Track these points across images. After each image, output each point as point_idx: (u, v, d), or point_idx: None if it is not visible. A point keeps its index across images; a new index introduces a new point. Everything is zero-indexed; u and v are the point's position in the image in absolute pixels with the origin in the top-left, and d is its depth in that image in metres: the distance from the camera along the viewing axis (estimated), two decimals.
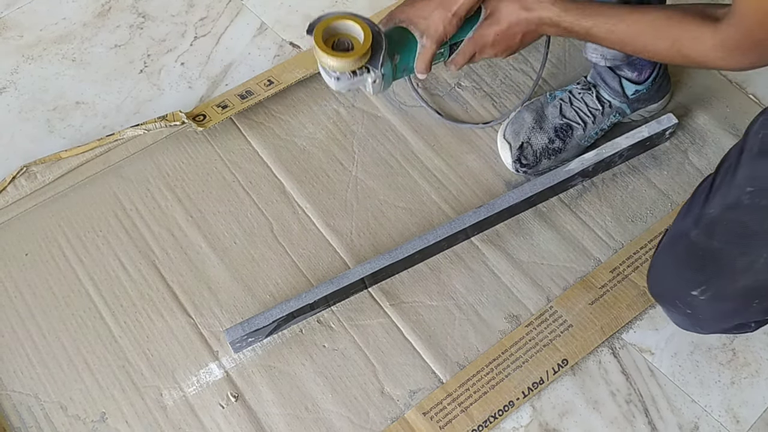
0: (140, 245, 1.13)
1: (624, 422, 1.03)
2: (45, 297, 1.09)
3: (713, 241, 0.91)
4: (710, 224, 0.91)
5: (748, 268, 0.89)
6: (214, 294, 1.10)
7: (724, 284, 0.92)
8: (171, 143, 1.23)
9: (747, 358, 1.08)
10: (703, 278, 0.93)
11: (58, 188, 1.17)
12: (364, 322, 1.08)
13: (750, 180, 0.88)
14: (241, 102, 1.25)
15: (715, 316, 0.97)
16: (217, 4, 1.43)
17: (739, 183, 0.89)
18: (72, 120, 1.27)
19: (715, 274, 0.92)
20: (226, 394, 1.02)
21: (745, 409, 1.04)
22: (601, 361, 1.07)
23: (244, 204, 1.17)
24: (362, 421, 1.01)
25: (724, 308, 0.95)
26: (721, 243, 0.91)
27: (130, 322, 1.07)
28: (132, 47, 1.36)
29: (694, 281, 0.94)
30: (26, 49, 1.36)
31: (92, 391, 1.02)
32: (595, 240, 1.16)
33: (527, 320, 1.09)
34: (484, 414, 1.01)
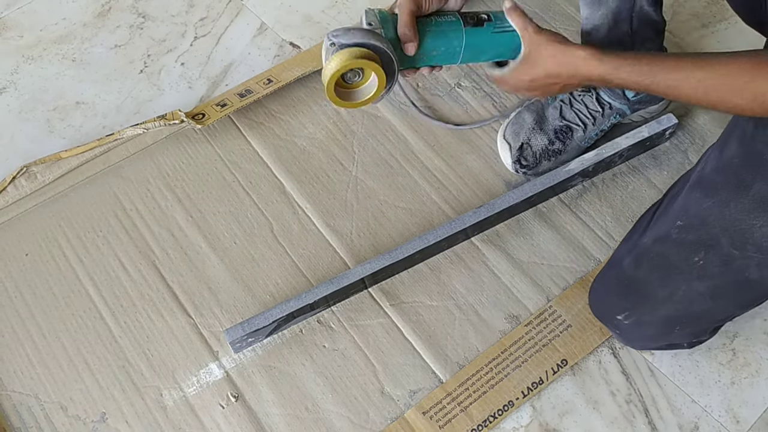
0: (140, 245, 1.13)
1: (624, 422, 1.03)
2: (45, 297, 1.09)
3: (639, 271, 0.95)
4: (640, 254, 0.95)
5: (667, 299, 0.93)
6: (214, 294, 1.10)
7: (645, 312, 0.97)
8: (171, 143, 1.23)
9: (747, 358, 1.08)
10: (628, 305, 0.98)
11: (58, 188, 1.17)
12: (364, 322, 1.08)
13: (682, 213, 0.90)
14: (240, 100, 1.25)
15: (640, 338, 1.03)
16: (217, 5, 1.43)
17: (672, 215, 0.92)
18: (72, 120, 1.27)
19: (638, 302, 0.97)
20: (226, 394, 1.02)
21: (745, 409, 1.04)
22: (601, 361, 1.07)
23: (244, 204, 1.17)
24: (362, 420, 1.01)
25: (647, 332, 1.01)
26: (646, 273, 0.95)
27: (130, 322, 1.07)
28: (132, 47, 1.36)
29: (619, 306, 0.99)
30: (26, 49, 1.36)
31: (92, 391, 1.02)
32: (595, 240, 1.16)
33: (527, 320, 1.09)
34: (484, 414, 1.01)
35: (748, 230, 0.83)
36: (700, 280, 0.89)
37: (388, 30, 0.85)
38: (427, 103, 1.28)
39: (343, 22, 1.40)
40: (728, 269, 0.86)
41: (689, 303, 0.92)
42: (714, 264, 0.87)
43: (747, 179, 0.82)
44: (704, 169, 0.89)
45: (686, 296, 0.91)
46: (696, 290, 0.90)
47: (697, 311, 0.94)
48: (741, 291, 0.90)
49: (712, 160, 0.88)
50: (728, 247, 0.85)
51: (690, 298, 0.91)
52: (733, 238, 0.84)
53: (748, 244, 0.83)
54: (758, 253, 0.83)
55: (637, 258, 0.95)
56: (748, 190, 0.82)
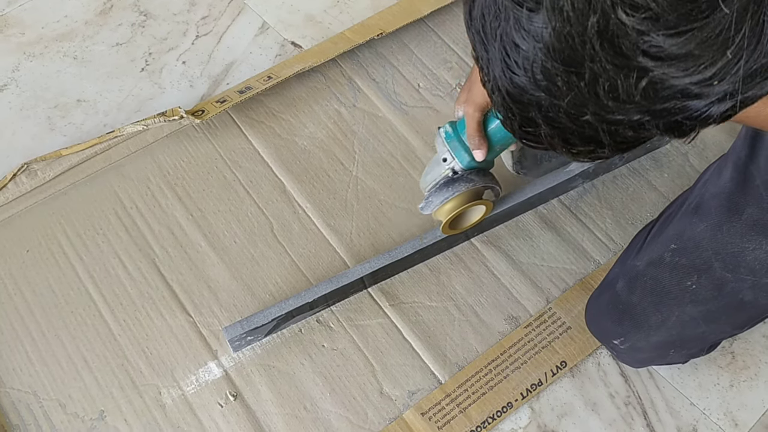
0: (140, 243, 1.13)
1: (623, 424, 1.03)
2: (44, 294, 1.09)
3: (633, 296, 0.95)
4: (634, 278, 0.95)
5: (660, 325, 0.93)
6: (214, 293, 1.10)
7: (640, 338, 0.97)
8: (172, 142, 1.23)
9: (746, 361, 1.08)
10: (622, 331, 0.98)
11: (58, 186, 1.17)
12: (364, 322, 1.08)
13: (676, 237, 0.90)
14: (239, 96, 1.25)
15: (636, 360, 1.05)
16: (218, 3, 1.43)
17: (666, 238, 0.92)
18: (73, 118, 1.27)
19: (631, 329, 0.97)
20: (224, 393, 1.02)
21: (743, 413, 1.04)
22: (600, 363, 1.07)
23: (244, 203, 1.17)
24: (361, 421, 1.01)
25: (642, 356, 1.02)
26: (639, 298, 0.95)
27: (130, 320, 1.07)
28: (133, 45, 1.36)
29: (614, 332, 1.00)
30: (28, 46, 1.36)
31: (91, 389, 1.02)
32: (595, 242, 1.16)
33: (526, 321, 1.09)
34: (483, 415, 1.01)
35: (740, 253, 0.82)
36: (693, 305, 0.89)
37: (461, 155, 0.93)
38: (428, 103, 1.28)
39: (345, 23, 1.40)
40: (721, 293, 0.86)
41: (682, 328, 0.92)
42: (707, 288, 0.87)
43: (740, 203, 0.82)
44: (704, 194, 0.88)
45: (679, 321, 0.91)
46: (689, 315, 0.90)
47: (690, 335, 0.94)
48: (735, 313, 0.89)
49: (711, 185, 0.88)
50: (721, 270, 0.85)
51: (683, 323, 0.91)
52: (725, 261, 0.84)
53: (741, 267, 0.83)
54: (751, 276, 0.83)
55: (631, 281, 0.95)
56: (740, 214, 0.82)
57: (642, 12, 0.42)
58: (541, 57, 0.46)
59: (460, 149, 0.92)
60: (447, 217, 0.97)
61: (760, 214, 0.80)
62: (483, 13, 0.49)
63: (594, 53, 0.45)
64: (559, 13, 0.44)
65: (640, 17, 0.43)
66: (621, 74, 0.45)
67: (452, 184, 0.94)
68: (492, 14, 0.48)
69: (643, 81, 0.45)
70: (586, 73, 0.46)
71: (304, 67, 1.28)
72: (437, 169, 0.96)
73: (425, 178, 0.98)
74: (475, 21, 0.50)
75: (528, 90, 0.49)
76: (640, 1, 0.42)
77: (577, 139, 0.51)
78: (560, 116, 0.49)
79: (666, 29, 0.43)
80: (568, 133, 0.50)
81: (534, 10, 0.45)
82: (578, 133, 0.50)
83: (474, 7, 0.50)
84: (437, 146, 0.96)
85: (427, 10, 1.37)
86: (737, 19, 0.42)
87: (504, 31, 0.48)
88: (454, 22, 1.38)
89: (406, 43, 1.36)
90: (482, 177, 0.95)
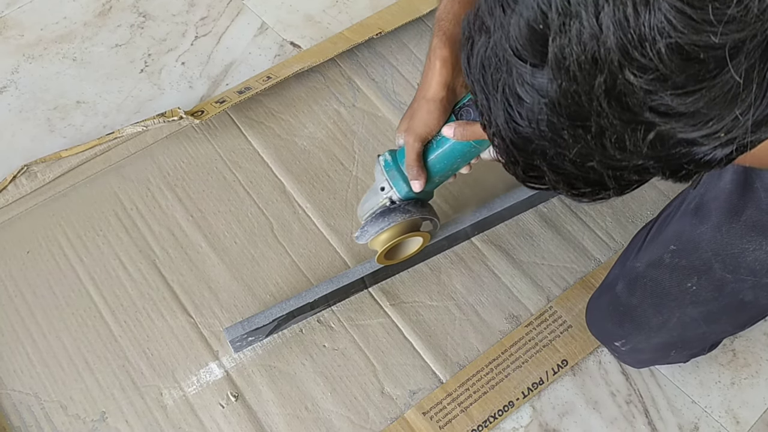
0: (140, 245, 1.13)
1: (624, 423, 1.03)
2: (45, 296, 1.09)
3: (633, 298, 0.95)
4: (633, 279, 0.95)
5: (661, 327, 0.93)
6: (215, 293, 1.10)
7: (641, 340, 0.97)
8: (171, 142, 1.23)
9: (747, 358, 1.08)
10: (623, 333, 0.98)
11: (58, 187, 1.17)
12: (365, 321, 1.08)
13: (675, 238, 0.90)
14: (239, 96, 1.25)
15: (637, 361, 1.05)
16: (217, 4, 1.43)
17: (665, 239, 0.91)
18: (73, 119, 1.27)
19: (632, 330, 0.97)
20: (226, 393, 1.02)
21: (745, 410, 1.04)
22: (602, 362, 1.07)
23: (244, 203, 1.17)
24: (362, 420, 1.01)
25: (643, 357, 1.03)
26: (639, 300, 0.95)
27: (130, 321, 1.07)
28: (133, 47, 1.36)
29: (615, 334, 1.00)
30: (27, 48, 1.36)
31: (92, 390, 1.02)
32: (596, 240, 1.16)
33: (527, 320, 1.09)
34: (484, 414, 1.01)
35: (740, 254, 0.82)
36: (693, 306, 0.89)
37: (399, 185, 0.91)
38: None
39: (344, 22, 1.40)
40: (721, 294, 0.86)
41: (683, 329, 0.92)
42: (707, 289, 0.87)
43: (739, 205, 0.82)
44: (703, 195, 0.88)
45: (680, 322, 0.91)
46: (689, 316, 0.90)
47: (691, 336, 0.94)
48: (736, 313, 0.89)
49: (710, 186, 0.88)
50: (721, 271, 0.84)
51: (684, 324, 0.91)
52: (725, 262, 0.84)
53: (741, 267, 0.83)
54: (752, 276, 0.83)
55: (631, 283, 0.95)
56: (740, 216, 0.82)
57: (650, 73, 0.42)
58: (546, 111, 0.46)
59: (398, 179, 0.90)
60: (382, 248, 0.95)
61: (759, 215, 0.80)
62: (483, 64, 0.48)
63: (601, 109, 0.44)
64: (566, 72, 0.44)
65: (648, 78, 0.42)
66: (628, 128, 0.45)
67: (389, 214, 0.92)
68: (493, 66, 0.48)
69: (650, 134, 0.45)
70: (593, 126, 0.45)
71: (303, 67, 1.28)
72: (375, 198, 0.93)
73: (362, 206, 0.95)
74: (474, 70, 0.49)
75: (533, 140, 0.48)
76: (647, 63, 0.42)
77: (582, 183, 0.51)
78: (565, 164, 0.49)
79: (674, 89, 0.42)
80: (572, 179, 0.50)
81: (538, 66, 0.45)
82: (583, 178, 0.50)
83: (472, 57, 0.49)
84: (376, 174, 0.93)
85: (426, 9, 1.37)
86: (745, 78, 0.42)
87: (506, 84, 0.47)
88: None
89: (405, 42, 1.36)
90: (420, 208, 0.93)
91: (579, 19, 0.42)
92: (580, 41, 0.43)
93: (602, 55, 0.42)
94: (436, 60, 0.84)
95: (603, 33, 0.42)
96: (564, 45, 0.43)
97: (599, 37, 0.42)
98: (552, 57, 0.44)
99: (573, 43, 0.43)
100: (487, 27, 0.48)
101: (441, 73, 0.84)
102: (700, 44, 0.41)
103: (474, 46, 0.49)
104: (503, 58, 0.47)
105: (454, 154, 0.88)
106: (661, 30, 0.41)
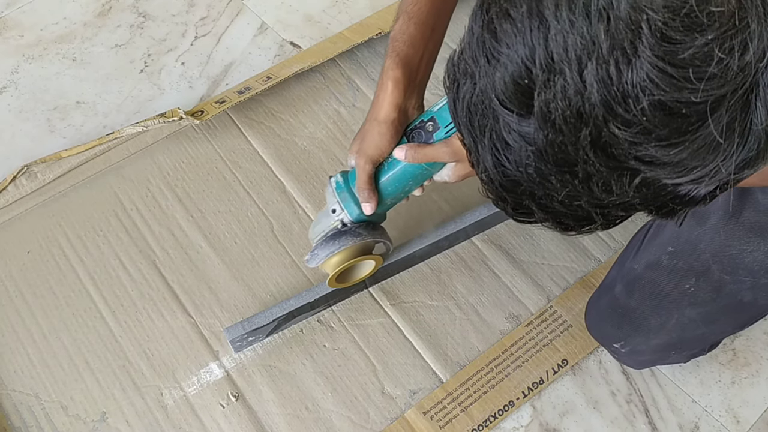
0: (140, 245, 1.13)
1: (624, 422, 1.03)
2: (45, 296, 1.09)
3: (631, 300, 0.95)
4: (632, 281, 0.95)
5: (660, 328, 0.93)
6: (215, 293, 1.10)
7: (640, 341, 0.97)
8: (171, 143, 1.23)
9: (747, 358, 1.08)
10: (622, 335, 0.98)
11: (58, 188, 1.17)
12: (365, 321, 1.08)
13: (673, 239, 0.90)
14: (239, 96, 1.25)
15: (637, 363, 1.05)
16: (217, 4, 1.43)
17: (663, 240, 0.91)
18: (72, 120, 1.27)
19: (631, 332, 0.97)
20: (226, 393, 1.02)
21: (745, 409, 1.04)
22: (602, 361, 1.07)
23: (244, 204, 1.17)
24: (362, 420, 1.01)
25: (643, 358, 1.02)
26: (638, 302, 0.95)
27: (131, 321, 1.07)
28: (132, 47, 1.36)
29: (614, 336, 1.00)
30: (27, 48, 1.36)
31: (93, 390, 1.02)
32: (596, 240, 1.16)
33: (527, 320, 1.09)
34: (485, 414, 1.01)
35: (738, 255, 0.82)
36: (692, 307, 0.89)
37: (350, 208, 0.90)
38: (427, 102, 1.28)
39: (344, 22, 1.40)
40: (720, 295, 0.86)
41: (682, 330, 0.92)
42: (705, 290, 0.87)
43: (737, 206, 0.82)
44: None
45: (679, 324, 0.91)
46: (688, 317, 0.90)
47: (690, 336, 0.94)
48: (734, 314, 0.89)
49: None
50: (719, 272, 0.84)
51: (683, 325, 0.91)
52: (723, 263, 0.84)
53: (739, 268, 0.83)
54: (750, 277, 0.83)
55: (629, 285, 0.95)
56: (737, 217, 0.82)
57: (634, 127, 0.43)
58: (534, 158, 0.47)
59: (349, 201, 0.89)
60: (333, 271, 0.94)
61: (757, 216, 0.80)
62: (469, 109, 0.49)
63: (587, 158, 0.45)
64: (551, 124, 0.45)
65: (632, 131, 0.43)
66: (614, 174, 0.46)
67: (339, 237, 0.91)
68: (480, 112, 0.48)
69: (636, 179, 0.46)
70: (580, 172, 0.46)
71: (303, 67, 1.28)
72: (326, 221, 0.92)
73: (314, 228, 0.94)
74: (461, 114, 0.50)
75: (521, 183, 0.49)
76: (631, 118, 0.43)
77: (570, 219, 0.52)
78: (554, 204, 0.50)
79: (658, 141, 0.43)
80: (561, 216, 0.51)
81: (524, 116, 0.46)
82: (572, 216, 0.51)
83: (459, 100, 0.50)
84: (327, 196, 0.92)
85: None
86: (726, 129, 0.43)
87: (493, 129, 0.48)
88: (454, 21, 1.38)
89: None
90: (371, 231, 0.92)
91: (563, 76, 0.43)
92: (564, 97, 0.43)
93: (587, 110, 0.43)
94: (388, 81, 0.84)
95: (587, 90, 0.43)
96: (549, 99, 0.44)
97: (583, 93, 0.43)
98: (538, 110, 0.45)
99: (558, 98, 0.44)
100: (471, 72, 0.48)
101: (393, 95, 0.83)
102: (682, 101, 0.42)
103: (460, 90, 0.49)
104: (489, 106, 0.47)
105: (405, 176, 0.86)
106: (644, 87, 0.42)
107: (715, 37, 0.41)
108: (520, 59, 0.44)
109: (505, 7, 0.45)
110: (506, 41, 0.45)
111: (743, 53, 0.41)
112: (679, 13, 0.41)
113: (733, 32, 0.41)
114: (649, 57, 0.41)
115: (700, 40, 0.41)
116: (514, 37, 0.44)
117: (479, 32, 0.47)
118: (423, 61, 0.87)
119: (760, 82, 0.42)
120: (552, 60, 0.43)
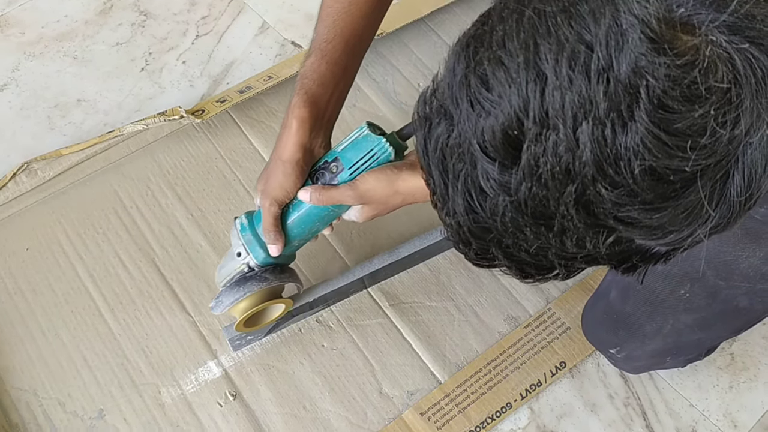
0: (140, 243, 1.13)
1: (622, 425, 1.03)
2: (44, 294, 1.09)
3: (627, 306, 0.95)
4: (627, 287, 0.95)
5: (656, 334, 0.93)
6: (214, 292, 1.09)
7: (635, 347, 0.97)
8: (172, 141, 1.23)
9: (745, 362, 1.08)
10: (617, 340, 0.98)
11: (58, 185, 1.17)
12: (363, 322, 1.08)
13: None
14: (239, 95, 1.25)
15: (633, 368, 1.05)
16: (218, 3, 1.43)
17: None
18: (73, 117, 1.27)
19: (627, 338, 0.97)
20: (224, 392, 1.02)
21: (743, 414, 1.04)
22: (600, 364, 1.07)
23: (244, 203, 1.17)
24: (360, 420, 1.01)
25: (639, 364, 1.03)
26: (633, 308, 0.95)
27: (129, 319, 1.07)
28: (133, 45, 1.36)
29: (610, 342, 1.00)
30: (28, 46, 1.36)
31: (91, 388, 1.02)
32: None
33: (526, 322, 1.09)
34: (482, 415, 1.01)
35: (733, 261, 0.82)
36: (687, 313, 0.89)
37: (256, 251, 0.87)
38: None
39: None
40: (715, 300, 0.86)
41: (678, 335, 0.92)
42: (700, 296, 0.87)
43: None
44: None
45: (674, 329, 0.91)
46: (684, 322, 0.90)
47: (686, 342, 0.94)
48: (730, 319, 0.89)
49: None
50: (714, 278, 0.84)
51: (678, 331, 0.91)
52: (718, 269, 0.83)
53: (735, 274, 0.83)
54: (746, 283, 0.83)
55: (624, 291, 0.95)
56: None
57: (621, 189, 0.43)
58: (511, 209, 0.46)
59: (255, 244, 0.86)
60: (241, 317, 0.90)
61: (751, 222, 0.80)
62: (443, 152, 0.48)
63: (567, 213, 0.45)
64: (537, 178, 0.44)
65: (618, 192, 0.43)
66: (590, 231, 0.46)
67: (245, 282, 0.87)
68: (455, 155, 0.47)
69: (611, 237, 0.46)
70: (556, 226, 0.46)
71: None
72: (231, 264, 0.88)
73: (220, 271, 0.90)
74: (432, 154, 0.49)
75: (491, 231, 0.49)
76: (620, 180, 0.43)
77: (533, 269, 0.51)
78: (521, 254, 0.49)
79: (642, 204, 0.44)
80: (524, 265, 0.51)
81: (507, 167, 0.45)
82: (535, 265, 0.51)
83: (430, 140, 0.48)
84: (232, 239, 0.88)
85: (427, 10, 1.37)
86: (709, 196, 0.44)
87: (470, 175, 0.47)
88: (454, 22, 1.38)
89: (406, 42, 1.36)
90: (278, 275, 0.89)
91: (556, 132, 0.43)
92: (555, 152, 0.43)
93: (576, 168, 0.43)
94: (293, 119, 0.81)
95: (579, 148, 0.43)
96: (539, 154, 0.44)
97: (575, 151, 0.43)
98: (525, 163, 0.44)
99: (548, 153, 0.43)
100: (449, 114, 0.47)
101: (298, 134, 0.81)
102: (672, 168, 0.42)
103: (432, 130, 0.48)
104: (468, 151, 0.46)
105: (312, 217, 0.84)
106: (637, 152, 0.42)
107: (712, 110, 0.41)
108: (513, 110, 0.44)
109: (498, 55, 0.44)
110: (498, 90, 0.44)
111: (734, 128, 0.42)
112: (681, 83, 0.41)
113: (728, 107, 0.41)
114: (645, 123, 0.41)
115: (698, 111, 0.41)
116: (508, 87, 0.44)
117: (462, 74, 0.46)
118: (332, 100, 0.84)
119: (740, 156, 0.43)
120: (546, 114, 0.43)
